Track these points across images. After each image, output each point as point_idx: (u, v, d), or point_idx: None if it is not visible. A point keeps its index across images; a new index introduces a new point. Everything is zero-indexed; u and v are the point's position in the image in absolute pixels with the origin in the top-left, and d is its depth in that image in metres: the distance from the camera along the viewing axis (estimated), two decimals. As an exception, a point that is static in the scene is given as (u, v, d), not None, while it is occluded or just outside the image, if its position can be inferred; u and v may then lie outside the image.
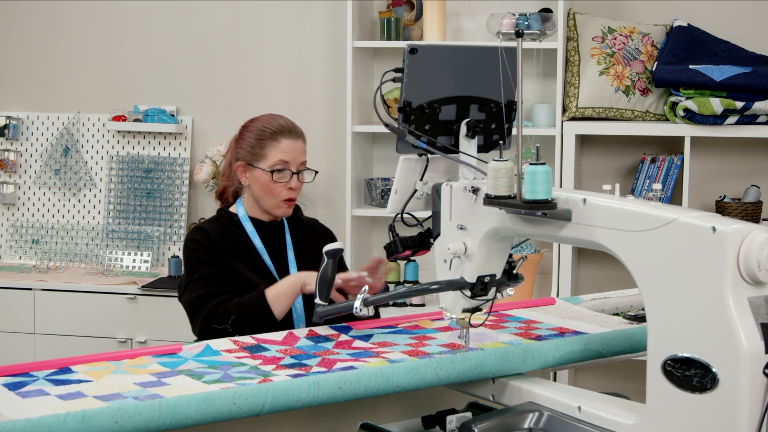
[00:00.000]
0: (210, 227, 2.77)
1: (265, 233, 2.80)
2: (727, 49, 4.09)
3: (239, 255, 2.73)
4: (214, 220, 2.82)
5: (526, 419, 1.99)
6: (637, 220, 1.79)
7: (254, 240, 2.77)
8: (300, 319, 2.72)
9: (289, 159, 2.76)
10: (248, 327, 2.54)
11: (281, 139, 2.76)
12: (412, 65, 2.08)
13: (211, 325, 2.59)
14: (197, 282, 2.67)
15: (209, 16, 4.75)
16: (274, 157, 2.75)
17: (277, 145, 2.75)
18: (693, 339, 1.70)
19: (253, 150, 2.77)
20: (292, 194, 2.77)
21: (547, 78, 4.29)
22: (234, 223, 2.79)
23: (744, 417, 1.65)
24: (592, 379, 4.42)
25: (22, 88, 4.96)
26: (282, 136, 2.76)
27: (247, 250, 2.76)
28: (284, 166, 2.75)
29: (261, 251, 2.76)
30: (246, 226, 2.79)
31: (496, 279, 2.08)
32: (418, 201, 2.18)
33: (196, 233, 2.75)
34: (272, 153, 2.75)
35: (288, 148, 2.76)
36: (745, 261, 1.67)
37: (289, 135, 2.77)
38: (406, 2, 4.44)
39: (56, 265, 4.78)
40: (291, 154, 2.76)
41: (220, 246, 2.72)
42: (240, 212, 2.81)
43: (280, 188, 2.75)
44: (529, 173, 1.89)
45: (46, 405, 1.82)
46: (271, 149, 2.75)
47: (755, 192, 4.09)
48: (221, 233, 2.75)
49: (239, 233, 2.77)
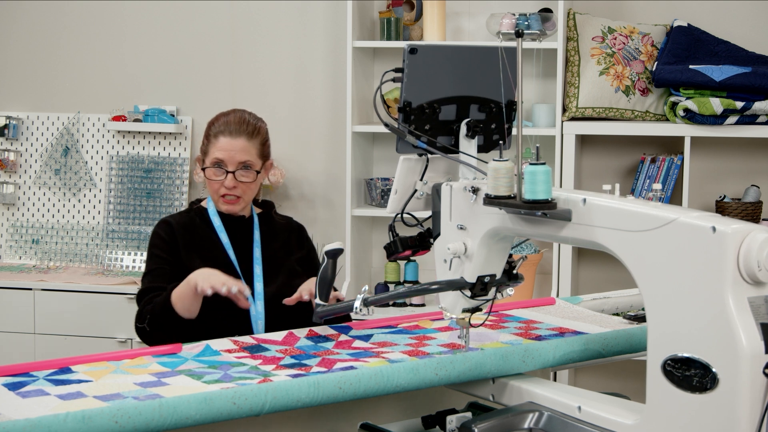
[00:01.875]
0: (176, 220, 2.79)
1: (232, 228, 2.80)
2: (727, 49, 4.09)
3: (201, 249, 2.74)
4: (183, 213, 2.84)
5: (526, 419, 1.99)
6: (637, 220, 1.79)
7: (220, 234, 2.78)
8: (258, 316, 2.70)
9: (224, 157, 2.74)
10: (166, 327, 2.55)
11: (220, 137, 2.76)
12: (412, 65, 2.08)
13: (136, 324, 2.63)
14: (145, 277, 2.72)
15: (209, 16, 4.75)
16: (212, 155, 2.76)
17: (216, 143, 2.76)
18: (693, 339, 1.70)
19: (203, 147, 2.82)
20: (228, 191, 2.75)
21: (547, 78, 4.29)
22: (202, 216, 2.80)
23: (744, 417, 1.65)
24: (592, 379, 4.42)
25: (22, 88, 4.96)
26: (222, 134, 2.76)
27: (211, 244, 2.76)
28: (219, 164, 2.75)
29: (226, 246, 2.76)
30: (213, 220, 2.79)
31: (496, 279, 2.08)
32: (418, 201, 2.18)
33: (159, 227, 2.78)
34: (212, 150, 2.77)
35: (224, 147, 2.75)
36: (745, 261, 1.67)
37: (229, 134, 2.76)
38: (406, 2, 4.44)
39: (56, 265, 4.78)
40: (227, 153, 2.74)
41: (182, 240, 2.73)
42: (209, 206, 2.82)
43: (217, 185, 2.76)
44: (529, 173, 1.89)
45: (46, 405, 1.82)
46: (211, 146, 2.77)
47: (755, 192, 4.09)
48: (186, 226, 2.77)
49: (205, 227, 2.78)
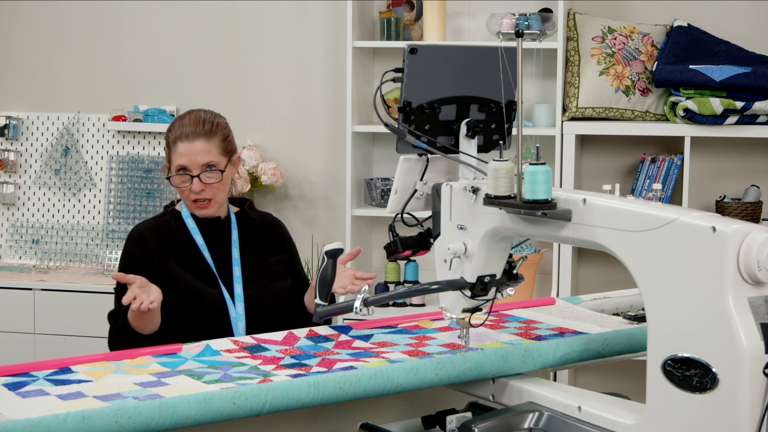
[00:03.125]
0: (149, 227, 2.75)
1: (207, 230, 2.76)
2: (727, 49, 4.09)
3: (177, 254, 2.71)
4: (158, 217, 2.81)
5: (526, 419, 1.99)
6: (637, 220, 1.79)
7: (195, 237, 2.74)
8: (239, 318, 2.68)
9: (185, 163, 2.69)
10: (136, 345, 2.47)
11: (178, 143, 2.70)
12: (412, 65, 2.07)
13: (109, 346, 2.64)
14: (115, 294, 2.68)
15: (209, 16, 4.75)
16: (175, 162, 2.71)
17: (176, 150, 2.70)
18: (693, 339, 1.70)
19: (167, 155, 2.76)
20: (197, 196, 2.71)
21: (547, 78, 4.29)
22: (177, 219, 2.77)
23: (744, 417, 1.65)
24: (592, 379, 4.42)
25: (22, 88, 4.96)
26: (179, 140, 2.70)
27: (186, 247, 2.73)
28: (183, 170, 2.70)
29: (202, 248, 2.74)
30: (188, 222, 2.76)
31: (496, 279, 2.08)
32: (418, 201, 2.18)
33: (131, 239, 2.73)
34: (174, 158, 2.71)
35: (184, 152, 2.69)
36: (745, 261, 1.67)
37: (186, 138, 2.69)
38: (406, 2, 4.44)
39: (56, 265, 4.78)
40: (188, 158, 2.68)
41: (156, 248, 2.70)
42: (183, 209, 2.78)
43: (186, 192, 2.71)
44: (529, 173, 1.89)
45: (46, 405, 1.81)
46: (173, 154, 2.72)
47: (755, 192, 4.09)
48: (160, 231, 2.74)
49: (180, 231, 2.75)
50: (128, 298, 2.43)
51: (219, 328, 2.63)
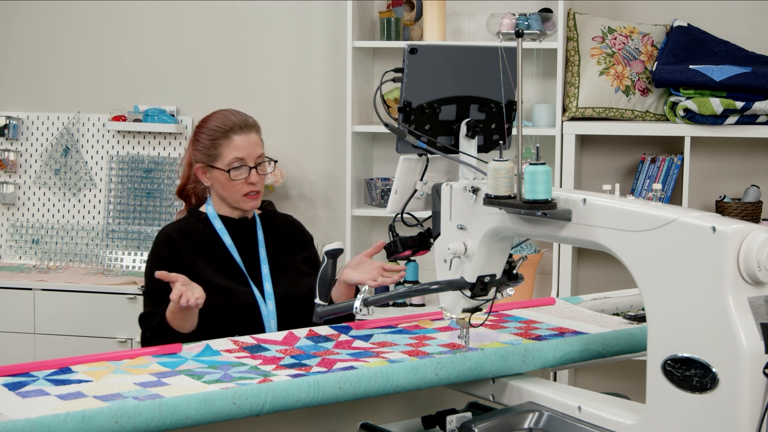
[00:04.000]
0: (176, 229, 2.76)
1: (235, 231, 2.79)
2: (727, 49, 4.09)
3: (206, 255, 2.72)
4: (182, 220, 2.82)
5: (526, 419, 1.99)
6: (637, 220, 1.79)
7: (223, 238, 2.76)
8: (271, 316, 2.71)
9: (243, 155, 2.74)
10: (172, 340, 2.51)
11: (233, 137, 2.74)
12: (412, 65, 2.07)
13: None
14: (144, 297, 2.71)
15: (209, 16, 4.74)
16: (229, 156, 2.73)
17: (230, 143, 2.74)
18: (693, 339, 1.70)
19: (209, 151, 2.76)
20: (253, 188, 2.75)
21: (547, 78, 4.29)
22: (203, 221, 2.78)
23: (744, 417, 1.65)
24: (592, 379, 4.42)
25: (22, 88, 4.96)
26: (233, 133, 2.74)
27: (215, 248, 2.75)
28: (240, 162, 2.74)
29: (231, 249, 2.75)
30: (215, 223, 2.78)
31: (496, 279, 2.08)
32: (418, 201, 2.18)
33: (159, 241, 2.75)
34: (226, 152, 2.73)
35: (241, 144, 2.74)
36: (745, 261, 1.67)
37: (240, 131, 2.75)
38: (406, 2, 4.44)
39: (56, 265, 4.78)
40: (245, 150, 2.74)
41: (185, 249, 2.71)
42: (209, 211, 2.80)
43: (239, 185, 2.74)
44: (529, 173, 1.89)
45: (46, 405, 1.82)
46: (224, 148, 2.74)
47: (755, 192, 4.09)
48: (188, 232, 2.75)
49: (208, 232, 2.76)
50: (176, 294, 2.44)
51: (251, 327, 2.64)
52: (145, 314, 2.68)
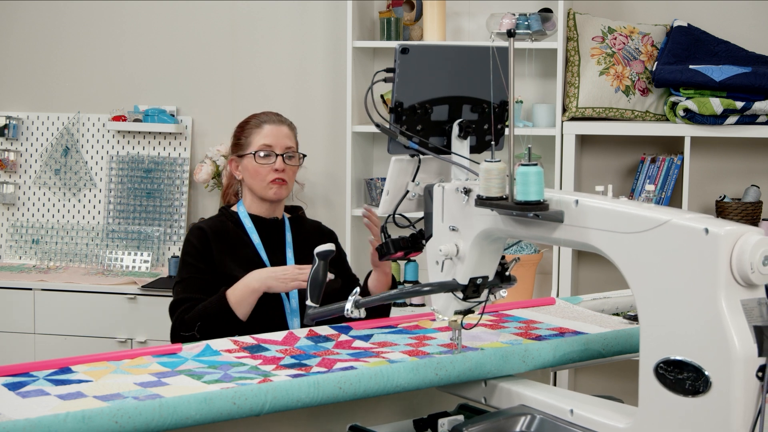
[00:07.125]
0: (208, 225, 2.83)
1: (264, 230, 2.85)
2: (727, 49, 4.07)
3: (235, 253, 2.77)
4: (215, 218, 2.89)
5: (518, 422, 1.97)
6: (629, 222, 1.77)
7: (252, 236, 2.82)
8: (294, 314, 2.76)
9: (272, 142, 2.84)
10: (216, 330, 2.58)
11: (264, 125, 2.86)
12: (404, 65, 2.06)
13: (179, 333, 2.66)
14: (178, 285, 2.76)
15: (209, 16, 4.74)
16: (258, 142, 2.84)
17: (260, 131, 2.85)
18: (686, 342, 1.68)
19: (240, 141, 2.88)
20: (279, 175, 2.81)
21: (547, 78, 4.27)
22: (234, 220, 2.85)
23: (737, 420, 1.63)
24: (592, 380, 4.41)
25: (22, 88, 4.96)
26: (265, 123, 2.86)
27: (244, 247, 2.80)
28: (268, 149, 2.83)
29: (259, 248, 2.80)
30: (245, 222, 2.84)
31: (488, 281, 2.07)
32: (411, 202, 2.17)
33: (192, 234, 2.81)
34: (256, 139, 2.84)
35: (271, 132, 2.84)
36: (737, 263, 1.65)
37: (272, 122, 2.87)
38: (406, 2, 4.43)
39: (56, 265, 4.78)
40: (274, 138, 2.84)
41: (215, 245, 2.77)
42: (240, 210, 2.87)
43: (266, 170, 2.81)
44: (521, 174, 1.87)
45: (46, 405, 1.81)
46: (254, 135, 2.85)
47: (755, 192, 4.08)
48: (219, 231, 2.81)
49: (238, 230, 2.82)
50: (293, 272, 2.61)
51: (275, 323, 2.69)
52: (180, 299, 2.71)
